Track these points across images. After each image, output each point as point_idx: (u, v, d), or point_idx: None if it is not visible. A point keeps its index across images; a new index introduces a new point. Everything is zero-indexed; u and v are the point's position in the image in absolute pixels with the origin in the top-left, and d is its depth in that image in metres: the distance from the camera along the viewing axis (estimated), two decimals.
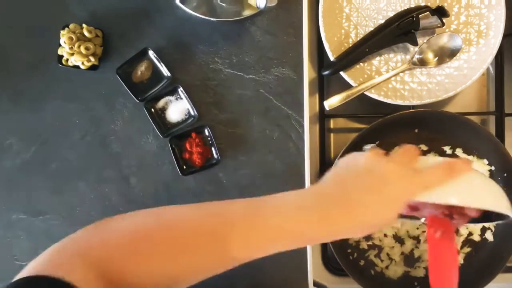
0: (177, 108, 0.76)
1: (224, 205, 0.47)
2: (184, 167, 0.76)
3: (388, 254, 0.76)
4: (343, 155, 0.71)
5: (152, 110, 0.76)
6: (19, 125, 0.78)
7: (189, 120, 0.76)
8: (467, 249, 0.75)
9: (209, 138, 0.75)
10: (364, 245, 0.76)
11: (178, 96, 0.76)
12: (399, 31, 0.72)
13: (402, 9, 0.74)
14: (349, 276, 0.72)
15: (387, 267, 0.76)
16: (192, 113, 0.76)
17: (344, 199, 0.45)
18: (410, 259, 0.76)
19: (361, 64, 0.75)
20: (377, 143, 0.75)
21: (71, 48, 0.73)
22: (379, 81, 0.73)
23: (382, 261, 0.76)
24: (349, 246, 0.75)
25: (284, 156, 0.77)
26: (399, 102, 0.74)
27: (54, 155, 0.78)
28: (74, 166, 0.78)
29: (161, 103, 0.76)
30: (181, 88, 0.75)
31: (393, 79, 0.75)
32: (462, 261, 0.75)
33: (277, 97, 0.77)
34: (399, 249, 0.76)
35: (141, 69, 0.76)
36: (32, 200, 0.78)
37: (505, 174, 0.73)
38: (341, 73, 0.74)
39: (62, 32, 0.73)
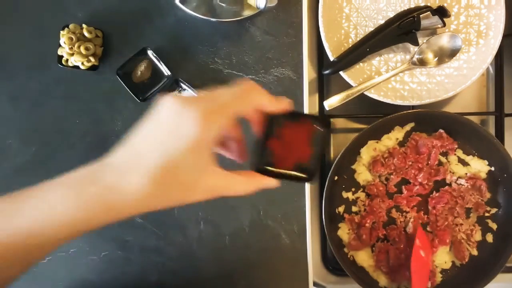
0: None
1: None
2: None
3: None
4: (343, 155, 0.71)
5: None
6: (19, 125, 0.78)
7: None
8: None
9: None
10: None
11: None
12: (400, 31, 0.72)
13: (402, 9, 0.74)
14: (349, 276, 0.72)
15: None
16: None
17: None
18: None
19: (361, 64, 0.75)
20: (376, 142, 0.75)
21: (71, 49, 0.73)
22: (379, 81, 0.73)
23: None
24: None
25: None
26: (399, 102, 0.74)
27: (54, 155, 0.78)
28: (74, 167, 0.78)
29: None
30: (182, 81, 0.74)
31: (393, 79, 0.75)
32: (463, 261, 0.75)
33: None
34: None
35: (141, 69, 0.76)
36: None
37: (505, 175, 0.73)
38: (341, 73, 0.74)
39: (62, 32, 0.73)
